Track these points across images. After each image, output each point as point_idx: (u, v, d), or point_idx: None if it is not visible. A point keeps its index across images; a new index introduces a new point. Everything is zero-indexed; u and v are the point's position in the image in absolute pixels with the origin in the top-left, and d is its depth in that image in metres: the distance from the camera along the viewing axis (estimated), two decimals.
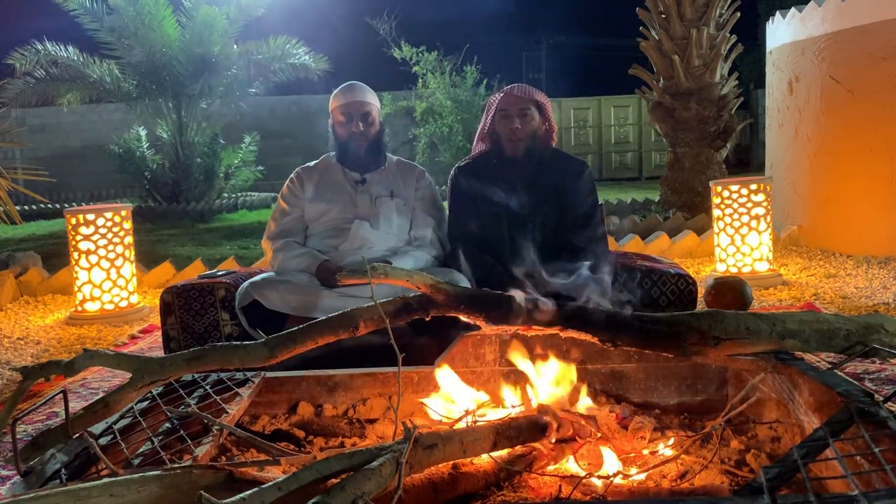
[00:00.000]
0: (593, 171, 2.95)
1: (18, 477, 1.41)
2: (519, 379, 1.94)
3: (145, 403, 1.81)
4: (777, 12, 6.06)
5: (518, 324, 1.72)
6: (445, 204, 2.97)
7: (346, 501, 1.09)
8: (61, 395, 1.54)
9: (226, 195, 11.17)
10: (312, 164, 2.98)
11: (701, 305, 3.36)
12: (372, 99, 2.87)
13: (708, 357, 1.67)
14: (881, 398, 1.40)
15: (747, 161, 13.88)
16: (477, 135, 2.92)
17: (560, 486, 1.54)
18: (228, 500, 1.03)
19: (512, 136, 2.71)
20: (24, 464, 1.42)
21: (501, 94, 2.78)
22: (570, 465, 1.64)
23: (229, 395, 1.87)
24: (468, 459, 1.56)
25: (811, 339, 1.60)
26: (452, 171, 2.91)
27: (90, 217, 4.14)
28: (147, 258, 5.78)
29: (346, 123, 2.82)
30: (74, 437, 1.47)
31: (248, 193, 11.72)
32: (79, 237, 4.13)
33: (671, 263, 2.94)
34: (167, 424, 1.70)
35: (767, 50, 6.36)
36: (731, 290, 3.37)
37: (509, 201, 2.66)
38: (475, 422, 1.74)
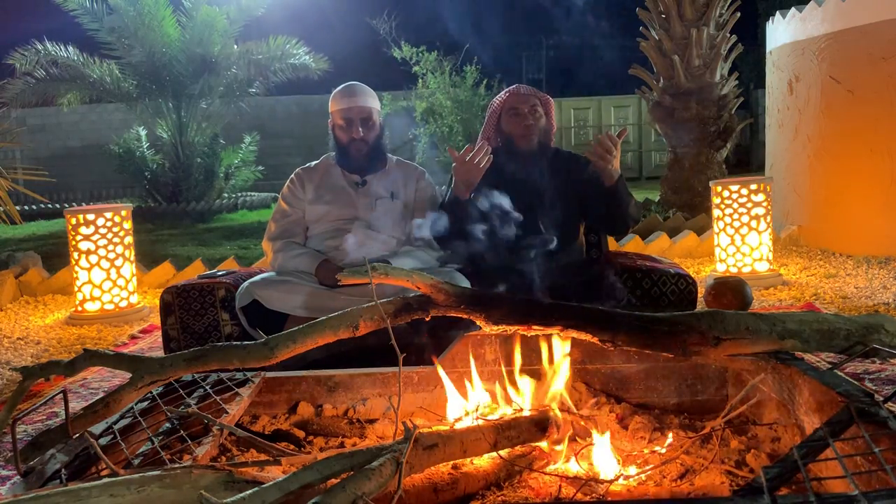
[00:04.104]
0: None
1: (18, 477, 1.41)
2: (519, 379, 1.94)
3: (145, 403, 1.81)
4: (777, 12, 6.06)
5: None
6: None
7: (346, 501, 1.09)
8: (61, 395, 1.54)
9: (226, 195, 11.17)
10: (313, 164, 2.98)
11: (701, 305, 3.36)
12: (372, 102, 2.87)
13: (708, 357, 1.67)
14: (881, 398, 1.40)
15: (747, 161, 13.87)
16: (480, 136, 2.91)
17: (560, 486, 1.54)
18: (228, 500, 1.03)
19: (526, 133, 2.71)
20: (24, 464, 1.42)
21: (506, 95, 2.79)
22: (571, 466, 1.64)
23: (229, 395, 1.87)
24: (468, 459, 1.56)
25: (811, 339, 1.60)
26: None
27: (90, 217, 4.14)
28: (147, 258, 5.78)
29: (346, 128, 2.82)
30: (74, 437, 1.47)
31: (248, 193, 11.71)
32: (79, 237, 4.13)
33: (671, 263, 2.94)
34: (167, 424, 1.70)
35: (767, 50, 6.36)
36: (731, 290, 3.37)
37: (513, 196, 2.64)
38: (476, 419, 1.74)
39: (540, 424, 1.70)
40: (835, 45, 5.15)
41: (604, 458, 1.61)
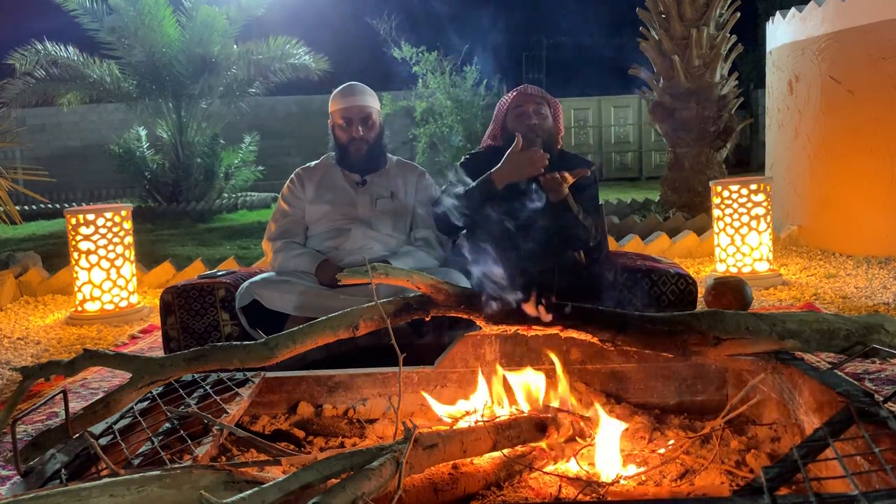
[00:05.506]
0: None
1: (18, 477, 1.41)
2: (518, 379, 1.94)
3: (145, 403, 1.81)
4: (777, 12, 6.06)
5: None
6: None
7: (346, 501, 1.09)
8: (61, 395, 1.54)
9: (226, 195, 11.17)
10: (313, 164, 2.98)
11: (701, 305, 3.36)
12: (372, 101, 2.87)
13: (708, 357, 1.67)
14: (881, 398, 1.40)
15: (747, 161, 13.87)
16: (486, 134, 2.91)
17: (560, 486, 1.54)
18: (228, 500, 1.03)
19: (529, 132, 2.71)
20: (24, 464, 1.42)
21: (514, 94, 2.79)
22: (571, 466, 1.64)
23: (229, 395, 1.87)
24: (468, 459, 1.56)
25: (811, 339, 1.60)
26: (462, 159, 2.91)
27: (90, 217, 4.14)
28: (147, 258, 5.78)
29: (346, 128, 2.82)
30: (74, 437, 1.47)
31: (248, 193, 11.72)
32: (79, 237, 4.13)
33: (671, 263, 2.94)
34: (167, 424, 1.70)
35: (767, 50, 6.36)
36: (731, 290, 3.37)
37: (516, 193, 2.64)
38: (477, 422, 1.74)
39: (540, 424, 1.70)
40: (835, 45, 5.15)
41: (604, 457, 1.61)
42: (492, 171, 2.62)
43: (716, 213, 4.54)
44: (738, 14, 6.86)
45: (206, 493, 1.01)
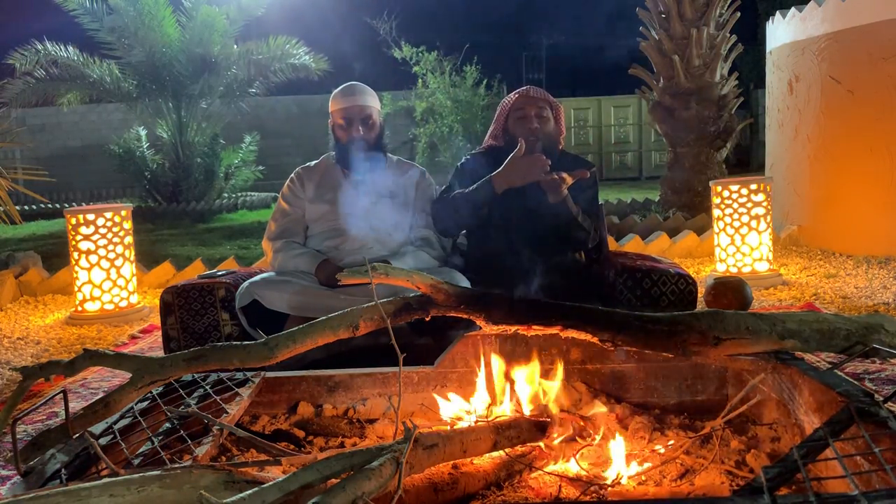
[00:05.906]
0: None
1: (18, 477, 1.41)
2: (518, 379, 1.94)
3: (145, 403, 1.81)
4: (777, 12, 6.06)
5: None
6: None
7: (346, 501, 1.09)
8: (61, 395, 1.54)
9: (226, 195, 11.17)
10: (313, 164, 2.98)
11: (701, 305, 3.36)
12: (372, 101, 2.86)
13: (708, 357, 1.67)
14: (881, 398, 1.40)
15: (747, 161, 13.87)
16: (489, 134, 2.91)
17: (560, 486, 1.54)
18: (228, 500, 1.03)
19: (531, 136, 2.71)
20: (24, 464, 1.42)
21: (516, 95, 2.79)
22: (571, 466, 1.64)
23: (229, 395, 1.87)
24: (468, 459, 1.56)
25: (811, 339, 1.60)
26: (463, 159, 2.91)
27: (90, 217, 4.14)
28: (147, 258, 5.78)
29: (346, 127, 2.82)
30: (74, 437, 1.47)
31: (248, 193, 11.72)
32: (79, 237, 4.13)
33: (671, 263, 2.94)
34: (167, 424, 1.70)
35: (767, 50, 6.36)
36: (731, 290, 3.37)
37: (515, 194, 2.65)
38: (476, 422, 1.74)
39: (540, 424, 1.70)
40: (835, 45, 5.15)
41: (604, 458, 1.61)
42: (492, 174, 2.62)
43: (716, 213, 4.54)
44: (738, 14, 6.86)
45: (206, 493, 1.01)
